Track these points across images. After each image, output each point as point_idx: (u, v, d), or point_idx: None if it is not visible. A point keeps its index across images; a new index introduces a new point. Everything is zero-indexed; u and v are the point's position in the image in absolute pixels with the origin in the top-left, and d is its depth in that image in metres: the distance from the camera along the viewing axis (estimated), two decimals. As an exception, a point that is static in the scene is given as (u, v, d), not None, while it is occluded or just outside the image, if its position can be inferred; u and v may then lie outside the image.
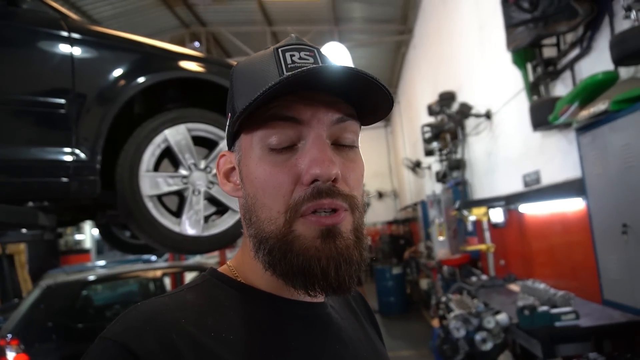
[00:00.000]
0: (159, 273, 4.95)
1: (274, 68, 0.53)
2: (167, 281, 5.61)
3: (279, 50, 0.54)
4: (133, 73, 1.83)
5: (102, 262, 7.63)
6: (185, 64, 1.98)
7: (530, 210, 3.89)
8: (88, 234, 11.30)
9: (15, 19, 1.65)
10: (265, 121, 0.52)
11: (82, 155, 1.68)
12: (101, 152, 1.72)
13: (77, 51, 1.73)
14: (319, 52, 0.56)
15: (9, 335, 3.77)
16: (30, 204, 1.74)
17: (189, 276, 5.86)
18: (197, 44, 9.33)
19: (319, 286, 0.50)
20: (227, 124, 0.58)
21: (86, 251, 11.23)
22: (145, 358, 0.43)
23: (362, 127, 0.59)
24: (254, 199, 0.53)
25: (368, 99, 0.54)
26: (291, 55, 0.54)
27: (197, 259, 7.46)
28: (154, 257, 6.91)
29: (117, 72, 1.80)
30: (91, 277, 4.65)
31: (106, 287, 5.00)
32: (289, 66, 0.53)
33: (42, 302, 4.06)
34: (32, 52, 1.67)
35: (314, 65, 0.49)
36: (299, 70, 0.48)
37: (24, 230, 2.36)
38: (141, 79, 1.83)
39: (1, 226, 1.54)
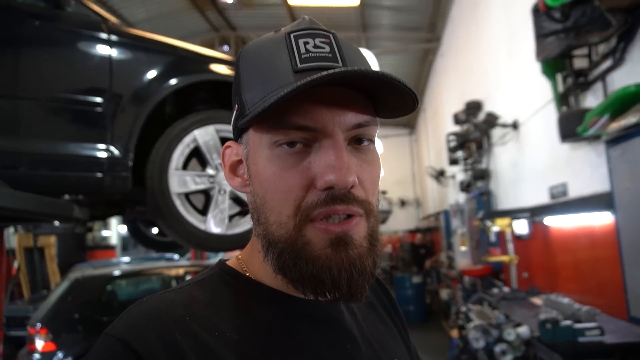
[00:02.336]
0: (181, 271, 5.05)
1: (286, 58, 0.49)
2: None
3: (291, 35, 0.50)
4: (166, 75, 1.90)
5: (126, 259, 7.82)
6: (216, 67, 2.05)
7: (556, 223, 3.81)
8: (114, 230, 11.60)
9: (60, 21, 1.75)
10: (277, 124, 0.48)
11: (116, 152, 1.76)
12: (133, 150, 1.79)
13: (115, 53, 1.81)
14: (335, 38, 0.51)
15: (39, 325, 3.92)
16: (66, 197, 1.83)
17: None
18: (226, 47, 9.52)
19: (331, 295, 0.48)
20: (233, 115, 0.54)
21: (112, 247, 11.52)
22: (147, 357, 0.42)
23: (385, 132, 0.56)
24: (263, 200, 0.51)
25: (391, 99, 0.51)
26: (305, 43, 0.49)
27: (219, 257, 7.55)
28: (176, 256, 7.05)
29: (152, 73, 1.88)
30: (116, 272, 4.79)
31: (130, 282, 5.13)
32: (303, 57, 0.48)
33: (70, 294, 4.21)
34: (74, 53, 1.77)
35: (333, 71, 0.44)
36: (317, 76, 0.44)
37: (56, 223, 2.46)
38: (174, 81, 1.90)
39: (38, 216, 1.62)
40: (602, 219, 2.98)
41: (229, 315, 0.49)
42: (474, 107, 5.83)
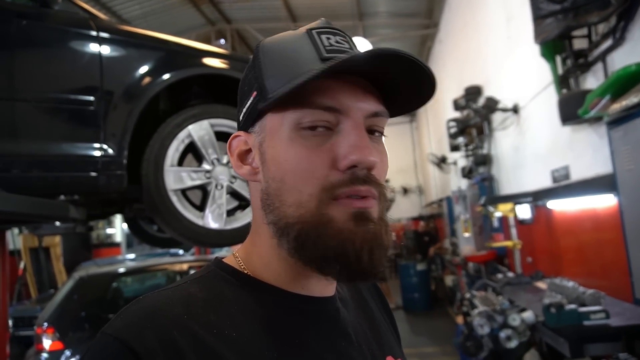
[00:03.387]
0: (185, 266, 5.06)
1: (311, 49, 0.51)
2: (194, 274, 5.71)
3: (313, 31, 0.52)
4: (158, 70, 1.88)
5: (131, 256, 7.86)
6: (208, 61, 2.02)
7: (559, 206, 3.79)
8: (119, 228, 11.65)
9: (47, 19, 1.72)
10: (301, 104, 0.49)
11: (110, 151, 1.74)
12: (128, 148, 1.78)
13: (105, 50, 1.79)
14: (351, 39, 0.55)
15: (45, 324, 3.94)
16: (62, 197, 1.82)
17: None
18: (222, 41, 9.45)
19: (351, 271, 0.48)
20: (247, 103, 0.55)
21: (117, 245, 11.57)
22: (145, 356, 0.42)
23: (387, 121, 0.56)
24: (280, 183, 0.50)
25: (406, 90, 0.53)
26: (327, 38, 0.52)
27: (223, 252, 7.58)
28: (181, 251, 7.07)
29: (143, 69, 1.85)
30: (121, 270, 4.81)
31: (135, 279, 5.15)
32: (328, 48, 0.51)
33: (76, 292, 4.23)
34: (62, 52, 1.74)
35: (368, 51, 0.46)
36: (351, 56, 0.46)
37: (57, 224, 2.46)
38: (166, 76, 1.88)
39: (35, 218, 1.61)
40: (604, 202, 2.96)
41: (227, 313, 0.49)
42: (473, 93, 5.78)
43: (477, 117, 5.59)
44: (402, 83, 0.52)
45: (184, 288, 0.51)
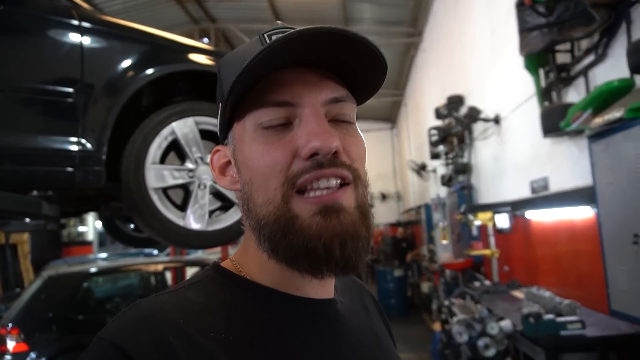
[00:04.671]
0: (160, 267, 4.94)
1: (260, 48, 0.49)
2: (169, 275, 5.59)
3: (265, 35, 0.53)
4: (142, 64, 1.81)
5: (104, 255, 7.63)
6: (194, 57, 1.97)
7: (537, 217, 3.85)
8: (91, 226, 11.33)
9: (26, 5, 1.64)
10: (257, 106, 0.50)
11: (88, 146, 1.66)
12: (107, 143, 1.70)
13: (86, 40, 1.71)
14: None
15: (10, 325, 3.78)
16: (35, 193, 1.73)
17: (190, 271, 5.85)
18: (206, 40, 9.33)
19: (325, 266, 0.47)
20: (219, 114, 0.57)
21: (88, 243, 11.25)
22: None
23: (367, 126, 0.56)
24: (250, 184, 0.51)
25: (359, 67, 0.51)
26: (277, 37, 0.51)
27: (198, 254, 7.44)
28: (155, 251, 6.90)
29: (126, 62, 1.78)
30: (92, 269, 4.65)
31: (107, 279, 4.99)
32: (273, 38, 0.51)
33: (43, 292, 4.06)
34: (41, 40, 1.66)
35: (303, 28, 0.46)
36: (283, 35, 0.45)
37: (27, 220, 2.34)
38: (150, 71, 1.81)
39: (5, 214, 1.52)
40: (582, 213, 3.01)
41: (224, 316, 0.49)
42: (455, 102, 5.85)
43: (458, 126, 5.66)
44: (355, 64, 0.51)
45: (181, 292, 0.51)
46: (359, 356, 0.55)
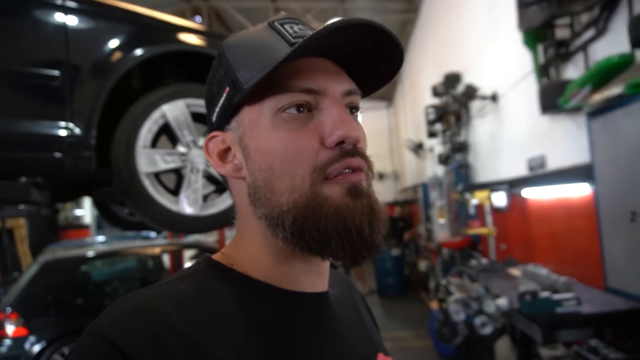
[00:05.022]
0: (157, 250, 4.94)
1: (278, 38, 0.51)
2: (166, 258, 5.60)
3: (276, 23, 0.53)
4: (130, 45, 1.75)
5: (101, 238, 7.63)
6: (185, 37, 1.90)
7: (534, 195, 3.85)
8: (88, 209, 11.29)
9: (5, -16, 1.57)
10: (278, 90, 0.50)
11: (77, 130, 1.62)
12: (96, 127, 1.66)
13: (71, 20, 1.65)
14: (312, 28, 0.54)
15: (9, 309, 3.79)
16: (24, 179, 1.69)
17: (188, 254, 5.85)
18: (198, 18, 9.13)
19: (355, 246, 0.48)
20: (220, 101, 0.54)
21: (86, 227, 11.23)
22: (133, 355, 0.40)
23: (363, 105, 0.57)
24: (269, 172, 0.50)
25: (374, 66, 0.53)
26: (290, 27, 0.53)
27: (196, 237, 7.43)
28: (153, 234, 6.90)
29: (114, 43, 1.72)
30: (90, 253, 4.64)
31: (105, 263, 4.99)
32: (294, 35, 0.51)
33: (41, 276, 4.06)
34: (24, 20, 1.59)
35: (338, 20, 0.46)
36: (329, 24, 0.45)
37: (21, 206, 2.31)
38: (139, 52, 1.75)
39: (-8, 201, 1.49)
40: (579, 191, 3.00)
41: (218, 310, 0.48)
42: (452, 79, 5.78)
43: (455, 104, 5.60)
44: (369, 56, 0.53)
45: (173, 285, 0.50)
46: (351, 348, 0.55)
